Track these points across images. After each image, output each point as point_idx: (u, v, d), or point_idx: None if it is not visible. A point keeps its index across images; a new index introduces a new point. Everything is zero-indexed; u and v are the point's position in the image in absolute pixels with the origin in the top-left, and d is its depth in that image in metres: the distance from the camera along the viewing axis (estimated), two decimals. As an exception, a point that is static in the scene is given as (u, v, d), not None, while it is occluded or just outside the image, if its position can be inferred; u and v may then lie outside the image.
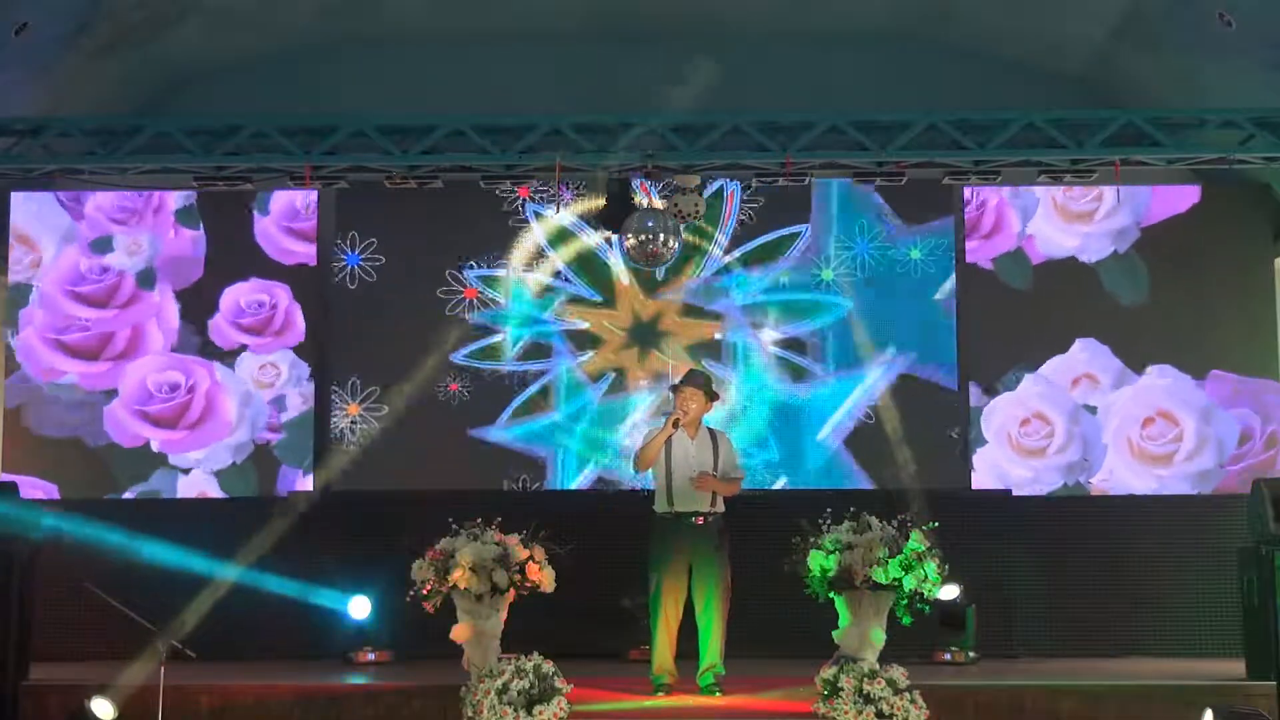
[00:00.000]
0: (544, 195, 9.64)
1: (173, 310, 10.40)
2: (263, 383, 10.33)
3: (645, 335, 10.34)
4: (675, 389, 8.03)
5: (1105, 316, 10.30)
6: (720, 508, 7.86)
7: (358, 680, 8.43)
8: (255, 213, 10.36)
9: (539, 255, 10.35)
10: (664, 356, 10.29)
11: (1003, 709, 7.63)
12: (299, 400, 10.33)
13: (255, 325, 10.37)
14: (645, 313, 10.36)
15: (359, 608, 9.36)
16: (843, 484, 10.10)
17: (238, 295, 10.39)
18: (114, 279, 10.41)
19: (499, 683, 6.93)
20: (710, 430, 8.03)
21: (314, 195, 10.24)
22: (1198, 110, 8.66)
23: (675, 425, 7.81)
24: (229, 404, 10.34)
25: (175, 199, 10.36)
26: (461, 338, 10.27)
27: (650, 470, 7.92)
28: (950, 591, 8.96)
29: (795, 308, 10.34)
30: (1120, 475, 10.17)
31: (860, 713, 6.89)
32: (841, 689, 6.98)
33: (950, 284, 10.28)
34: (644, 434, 8.29)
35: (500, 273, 10.34)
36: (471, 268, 10.33)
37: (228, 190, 9.13)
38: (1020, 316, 10.31)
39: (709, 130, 8.56)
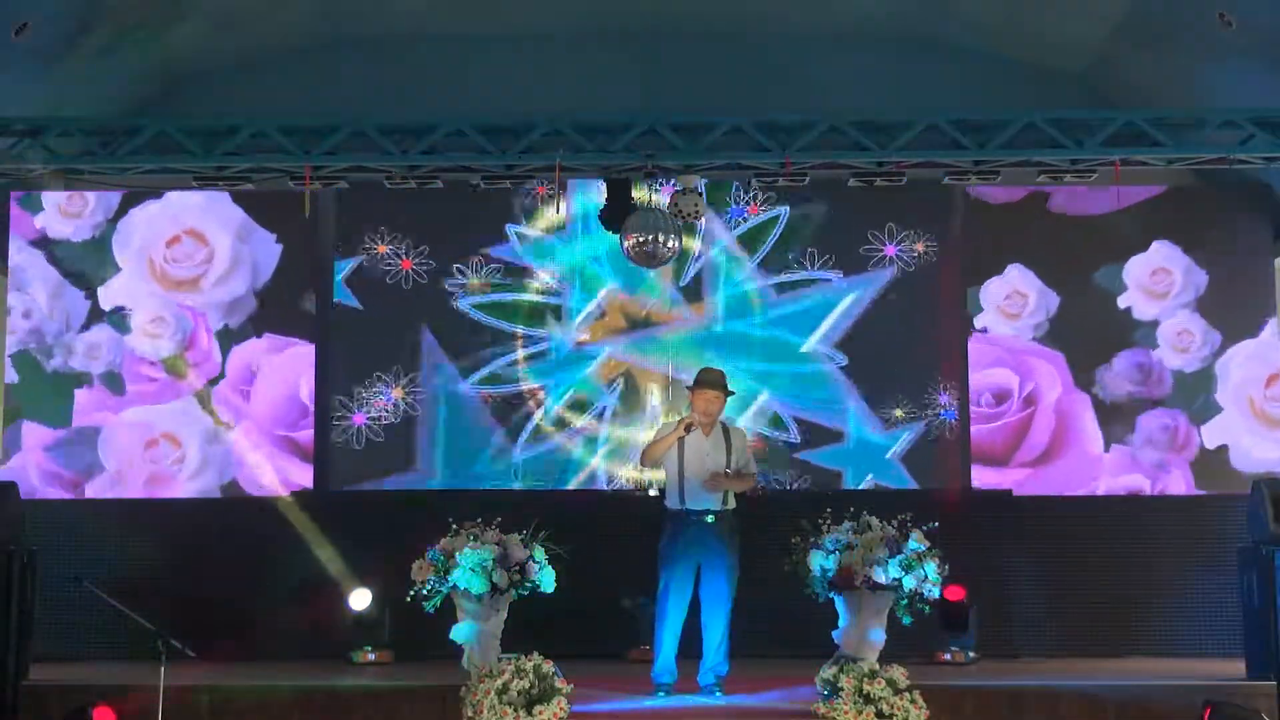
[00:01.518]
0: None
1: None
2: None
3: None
4: (691, 389, 7.92)
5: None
6: (732, 505, 7.80)
7: (358, 680, 8.42)
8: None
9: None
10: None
11: (1003, 709, 7.62)
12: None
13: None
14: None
15: (359, 599, 9.36)
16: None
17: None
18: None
19: (499, 683, 6.93)
20: (724, 426, 7.92)
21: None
22: (1198, 110, 8.66)
23: (688, 430, 7.72)
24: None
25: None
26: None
27: (661, 466, 7.88)
28: (956, 594, 8.99)
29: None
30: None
31: (860, 713, 6.89)
32: (841, 689, 6.98)
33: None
34: (657, 429, 8.20)
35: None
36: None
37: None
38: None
39: (709, 130, 8.56)
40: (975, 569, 9.39)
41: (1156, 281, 10.36)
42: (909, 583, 7.63)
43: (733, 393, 8.08)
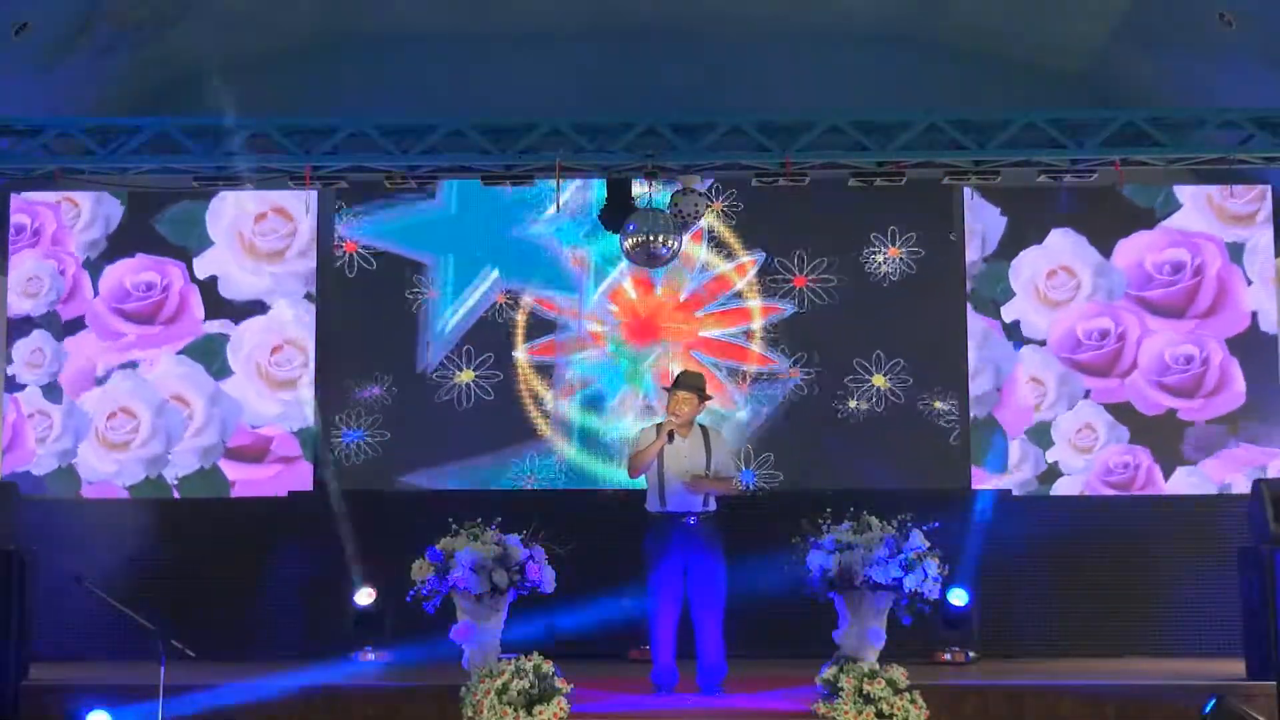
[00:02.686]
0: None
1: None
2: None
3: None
4: (669, 390, 7.94)
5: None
6: (713, 507, 7.81)
7: (358, 680, 8.42)
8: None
9: None
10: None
11: (1003, 709, 7.63)
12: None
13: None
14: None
15: (365, 596, 9.35)
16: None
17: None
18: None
19: (499, 683, 6.93)
20: (703, 428, 7.93)
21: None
22: (1198, 110, 8.66)
23: (670, 437, 7.71)
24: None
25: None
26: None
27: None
28: (960, 597, 9.00)
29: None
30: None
31: (860, 713, 6.90)
32: (841, 689, 6.98)
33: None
34: (635, 435, 8.21)
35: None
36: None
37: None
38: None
39: (709, 130, 8.56)
40: (975, 569, 9.39)
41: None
42: (909, 583, 7.63)
43: (710, 397, 8.09)
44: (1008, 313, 10.19)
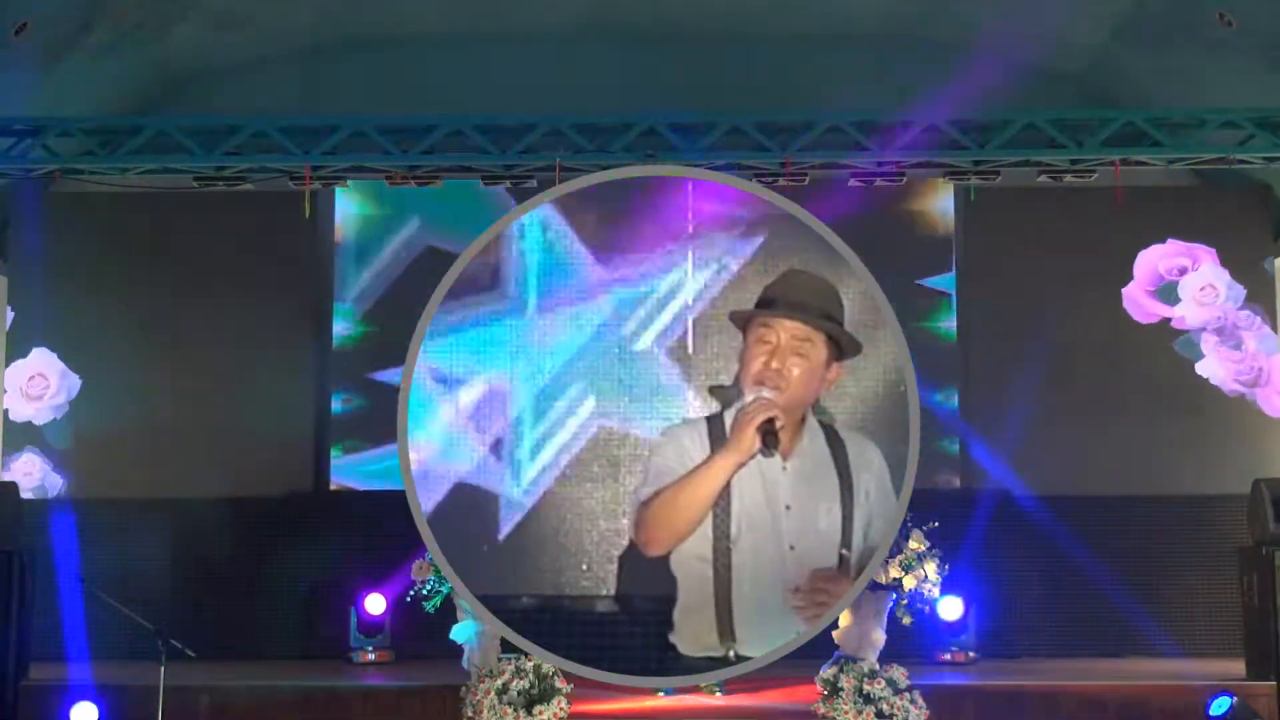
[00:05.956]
0: None
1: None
2: None
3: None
4: None
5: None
6: None
7: (358, 680, 8.42)
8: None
9: None
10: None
11: (1003, 709, 7.63)
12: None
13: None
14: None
15: (377, 605, 9.35)
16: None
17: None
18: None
19: (499, 683, 6.94)
20: None
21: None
22: (1198, 110, 8.66)
23: None
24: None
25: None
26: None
27: None
28: (954, 608, 8.99)
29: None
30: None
31: (860, 713, 6.90)
32: (841, 689, 6.99)
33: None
34: None
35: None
36: None
37: None
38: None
39: (709, 130, 8.56)
40: (975, 569, 9.39)
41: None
42: (909, 583, 7.64)
43: None
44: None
